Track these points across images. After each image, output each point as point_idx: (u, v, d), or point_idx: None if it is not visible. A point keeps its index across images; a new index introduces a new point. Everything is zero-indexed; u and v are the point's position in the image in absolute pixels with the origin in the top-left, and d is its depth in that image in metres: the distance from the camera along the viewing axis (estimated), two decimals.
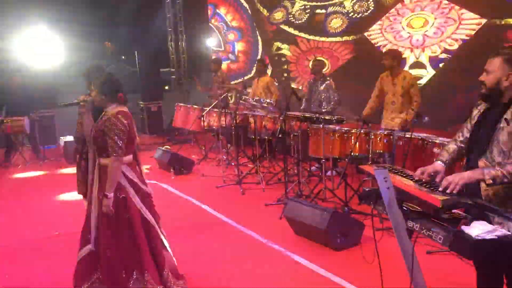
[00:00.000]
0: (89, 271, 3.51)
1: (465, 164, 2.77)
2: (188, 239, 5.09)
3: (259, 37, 11.53)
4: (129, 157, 3.51)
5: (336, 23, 9.33)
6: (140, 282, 3.39)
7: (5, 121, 8.94)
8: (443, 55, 7.44)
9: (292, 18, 10.42)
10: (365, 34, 8.67)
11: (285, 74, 10.70)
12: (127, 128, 3.39)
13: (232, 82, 10.83)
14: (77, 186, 4.93)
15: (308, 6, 9.92)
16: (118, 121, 3.36)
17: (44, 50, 11.52)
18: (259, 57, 11.40)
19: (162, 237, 3.64)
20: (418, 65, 7.79)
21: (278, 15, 10.79)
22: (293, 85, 10.13)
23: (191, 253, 4.68)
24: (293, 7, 10.34)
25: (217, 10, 12.84)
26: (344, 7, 9.13)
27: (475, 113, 2.76)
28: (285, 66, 10.67)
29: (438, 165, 2.79)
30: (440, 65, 7.52)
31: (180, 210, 6.16)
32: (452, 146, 2.87)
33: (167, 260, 3.63)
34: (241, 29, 12.17)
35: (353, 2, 8.92)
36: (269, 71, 10.32)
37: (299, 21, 10.20)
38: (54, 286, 4.11)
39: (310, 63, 7.69)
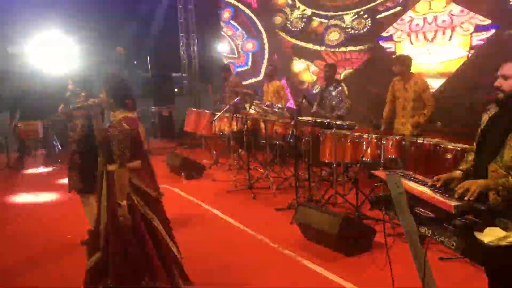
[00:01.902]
0: (98, 277, 3.50)
1: (473, 166, 2.75)
2: (198, 244, 5.09)
3: (265, 42, 11.63)
4: (135, 163, 3.48)
5: (333, 36, 9.62)
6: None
7: (18, 125, 9.05)
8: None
9: (289, 25, 10.68)
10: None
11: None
12: (130, 134, 3.38)
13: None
14: (70, 183, 5.04)
15: (306, 15, 10.10)
16: (120, 127, 3.37)
17: (58, 55, 11.64)
18: (265, 59, 11.51)
19: (170, 242, 3.62)
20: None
21: (277, 19, 11.00)
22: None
23: (201, 257, 4.68)
24: (292, 14, 10.54)
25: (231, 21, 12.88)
26: (344, 22, 9.39)
27: (485, 118, 2.74)
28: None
29: (455, 173, 2.78)
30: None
31: (191, 215, 6.17)
32: (470, 156, 2.85)
33: (176, 265, 3.64)
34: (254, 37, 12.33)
35: (353, 18, 9.17)
36: None
37: (295, 29, 10.48)
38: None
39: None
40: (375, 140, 5.80)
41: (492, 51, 6.85)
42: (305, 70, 10.51)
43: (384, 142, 5.68)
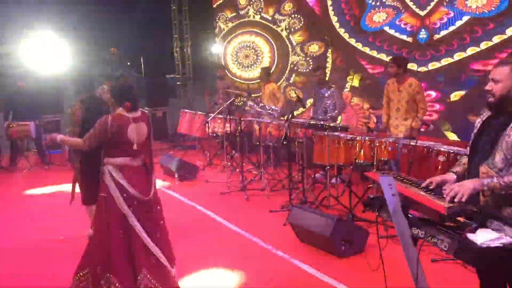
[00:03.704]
0: (86, 260, 3.66)
1: (467, 169, 2.77)
2: (191, 245, 5.09)
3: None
4: (121, 160, 3.62)
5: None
6: (110, 283, 3.48)
7: (11, 126, 8.99)
8: None
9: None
10: None
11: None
12: (110, 129, 3.53)
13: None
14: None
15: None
16: (104, 120, 3.56)
17: (50, 55, 11.58)
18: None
19: (151, 245, 3.61)
20: None
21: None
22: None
23: (194, 259, 4.68)
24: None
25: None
26: None
27: (478, 121, 2.77)
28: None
29: (449, 175, 2.80)
30: None
31: (184, 216, 6.16)
32: (464, 159, 2.87)
33: (152, 268, 3.60)
34: None
35: None
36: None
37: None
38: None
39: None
40: (369, 142, 5.82)
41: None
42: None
43: (377, 144, 5.70)
